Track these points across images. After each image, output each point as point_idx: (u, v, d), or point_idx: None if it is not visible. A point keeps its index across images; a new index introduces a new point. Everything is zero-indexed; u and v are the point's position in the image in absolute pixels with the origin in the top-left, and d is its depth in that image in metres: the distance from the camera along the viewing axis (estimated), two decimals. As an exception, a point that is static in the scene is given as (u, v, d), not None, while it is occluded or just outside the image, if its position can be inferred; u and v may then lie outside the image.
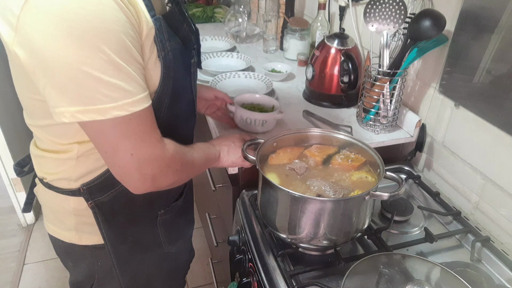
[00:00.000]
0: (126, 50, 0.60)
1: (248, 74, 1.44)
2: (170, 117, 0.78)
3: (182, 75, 0.78)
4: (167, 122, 0.77)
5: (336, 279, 0.81)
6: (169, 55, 0.71)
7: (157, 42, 0.68)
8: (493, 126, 0.91)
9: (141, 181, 0.69)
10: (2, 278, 1.94)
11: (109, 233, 0.84)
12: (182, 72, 0.77)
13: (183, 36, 0.79)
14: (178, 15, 0.80)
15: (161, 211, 0.91)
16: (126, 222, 0.86)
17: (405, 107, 1.19)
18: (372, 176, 0.86)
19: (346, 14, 1.50)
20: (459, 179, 1.04)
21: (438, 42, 1.02)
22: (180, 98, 0.79)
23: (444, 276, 0.72)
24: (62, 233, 0.86)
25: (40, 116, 0.72)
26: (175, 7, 0.80)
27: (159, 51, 0.68)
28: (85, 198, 0.78)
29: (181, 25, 0.80)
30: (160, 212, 0.90)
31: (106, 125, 0.61)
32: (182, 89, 0.79)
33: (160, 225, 0.92)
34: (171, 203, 0.93)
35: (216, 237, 1.46)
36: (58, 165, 0.78)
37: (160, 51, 0.68)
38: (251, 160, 0.85)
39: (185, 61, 0.79)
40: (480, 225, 0.97)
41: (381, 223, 0.98)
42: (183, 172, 0.77)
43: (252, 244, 0.91)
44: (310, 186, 0.83)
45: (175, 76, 0.74)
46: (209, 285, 1.91)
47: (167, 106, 0.75)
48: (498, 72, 0.88)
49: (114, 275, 0.90)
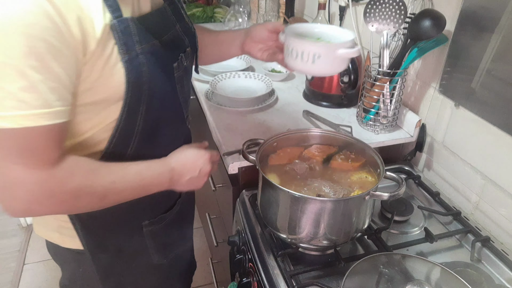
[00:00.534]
0: (37, 57, 0.53)
1: (248, 74, 1.44)
2: (149, 125, 0.73)
3: (162, 80, 0.73)
4: (145, 131, 0.73)
5: (336, 279, 0.81)
6: (139, 59, 0.66)
7: (118, 45, 0.63)
8: (493, 126, 0.91)
9: (6, 204, 0.60)
10: (2, 278, 1.94)
11: (88, 240, 0.80)
12: (160, 77, 0.72)
13: (170, 38, 0.75)
14: (171, 14, 0.78)
15: (145, 221, 0.85)
16: (106, 231, 0.82)
17: (405, 107, 1.19)
18: (372, 176, 0.86)
19: (346, 14, 1.50)
20: (459, 179, 1.04)
21: (438, 42, 1.02)
22: (161, 105, 0.74)
23: (444, 276, 0.72)
24: (47, 233, 0.84)
25: None
26: (168, 7, 0.78)
27: (121, 55, 0.63)
28: None
29: (171, 26, 0.77)
30: (144, 222, 0.85)
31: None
32: (162, 95, 0.74)
33: (148, 235, 0.87)
34: (157, 215, 0.88)
35: (216, 237, 1.46)
36: None
37: (123, 54, 0.64)
38: (251, 160, 0.85)
39: (166, 64, 0.74)
40: (480, 225, 0.97)
41: (381, 223, 0.98)
42: (77, 204, 0.66)
43: (252, 244, 0.91)
44: (310, 186, 0.83)
45: (151, 81, 0.69)
46: (209, 285, 1.91)
47: (144, 114, 0.71)
48: (498, 72, 0.88)
49: (96, 283, 0.87)
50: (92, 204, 0.68)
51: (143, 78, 0.67)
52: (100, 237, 0.82)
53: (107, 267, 0.86)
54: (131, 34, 0.65)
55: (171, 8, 0.79)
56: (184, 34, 0.81)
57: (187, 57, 0.82)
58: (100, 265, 0.85)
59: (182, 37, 0.81)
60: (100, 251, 0.83)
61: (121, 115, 0.69)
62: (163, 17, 0.76)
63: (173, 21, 0.79)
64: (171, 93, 0.78)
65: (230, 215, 1.15)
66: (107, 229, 0.82)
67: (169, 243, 0.95)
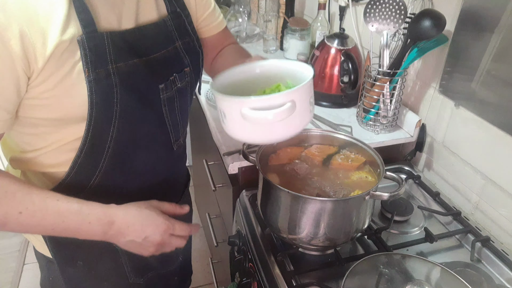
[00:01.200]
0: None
1: (248, 74, 1.44)
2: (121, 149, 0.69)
3: (139, 102, 0.67)
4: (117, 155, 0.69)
5: (336, 279, 0.81)
6: (110, 79, 0.61)
7: (83, 63, 0.58)
8: (493, 126, 0.91)
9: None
10: (2, 278, 1.94)
11: (56, 253, 0.76)
12: (137, 99, 0.66)
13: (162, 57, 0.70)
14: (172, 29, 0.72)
15: None
16: (74, 245, 0.74)
17: (405, 107, 1.19)
18: (372, 176, 0.86)
19: (346, 14, 1.50)
20: (459, 179, 1.04)
21: (438, 42, 1.02)
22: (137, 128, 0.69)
23: (444, 276, 0.72)
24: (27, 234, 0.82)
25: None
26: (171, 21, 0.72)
27: (85, 72, 0.59)
28: None
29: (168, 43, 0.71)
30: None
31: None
32: (139, 118, 0.68)
33: (124, 252, 0.78)
34: None
35: (216, 237, 1.46)
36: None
37: (89, 73, 0.59)
38: (251, 160, 0.85)
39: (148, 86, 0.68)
40: (480, 225, 0.97)
41: (381, 223, 0.98)
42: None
43: (252, 244, 0.91)
44: (310, 186, 0.83)
45: (123, 103, 0.64)
46: (209, 285, 1.91)
47: (115, 137, 0.67)
48: (498, 72, 0.88)
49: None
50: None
51: (113, 99, 0.63)
52: (69, 250, 0.77)
53: (76, 281, 0.82)
54: (104, 51, 0.60)
55: (174, 22, 0.73)
56: (185, 52, 0.75)
57: (182, 78, 0.76)
58: (68, 278, 0.81)
59: (181, 55, 0.75)
60: (68, 264, 0.79)
61: (85, 135, 0.65)
62: (159, 32, 0.71)
63: (173, 38, 0.73)
64: (152, 116, 0.72)
65: (230, 215, 1.15)
66: (76, 243, 0.71)
67: (148, 263, 0.86)
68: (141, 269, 0.87)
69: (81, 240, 0.68)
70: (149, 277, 0.89)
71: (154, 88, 0.70)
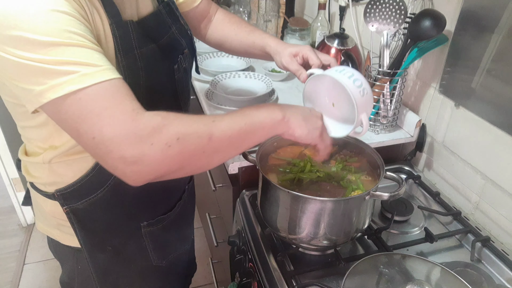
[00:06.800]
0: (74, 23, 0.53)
1: (248, 74, 1.44)
2: None
3: (159, 84, 0.73)
4: None
5: (336, 279, 0.81)
6: (138, 63, 0.66)
7: (116, 50, 0.62)
8: (493, 126, 0.91)
9: (121, 168, 0.55)
10: (2, 278, 1.94)
11: (86, 241, 0.80)
12: (158, 81, 0.72)
13: (167, 42, 0.75)
14: (166, 16, 0.77)
15: (144, 222, 0.85)
16: (105, 231, 0.82)
17: (405, 107, 1.19)
18: (372, 176, 0.86)
19: (346, 14, 1.50)
20: (459, 179, 1.04)
21: (438, 42, 1.02)
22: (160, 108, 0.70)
23: (444, 276, 0.72)
24: (48, 229, 0.84)
25: (16, 118, 0.71)
26: (163, 9, 0.77)
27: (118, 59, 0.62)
28: (60, 203, 0.75)
29: (167, 28, 0.76)
30: (142, 223, 0.85)
31: (61, 104, 0.53)
32: (160, 98, 0.73)
33: (147, 236, 0.86)
34: (156, 216, 0.86)
35: (216, 237, 1.46)
36: (35, 168, 0.77)
37: (122, 58, 0.63)
38: (251, 160, 0.85)
39: (164, 68, 0.74)
40: (480, 225, 0.97)
41: (381, 223, 0.98)
42: (185, 147, 0.57)
43: (252, 244, 0.91)
44: (310, 185, 0.83)
45: (147, 85, 0.68)
46: (209, 285, 1.91)
47: None
48: (498, 72, 0.88)
49: (93, 281, 0.86)
50: (203, 145, 0.58)
51: (140, 82, 0.66)
52: (98, 237, 0.82)
53: (105, 266, 0.86)
54: (130, 38, 0.64)
55: (167, 10, 0.78)
56: (180, 36, 0.81)
57: (185, 59, 0.82)
58: (97, 264, 0.85)
59: (179, 39, 0.80)
60: (97, 250, 0.83)
61: None
62: (159, 20, 0.76)
63: (169, 24, 0.78)
64: (170, 95, 0.78)
65: (230, 215, 1.15)
66: (105, 230, 0.81)
67: (168, 245, 0.94)
68: (163, 252, 0.92)
69: (109, 226, 0.79)
70: (169, 259, 0.95)
71: (170, 69, 0.75)
